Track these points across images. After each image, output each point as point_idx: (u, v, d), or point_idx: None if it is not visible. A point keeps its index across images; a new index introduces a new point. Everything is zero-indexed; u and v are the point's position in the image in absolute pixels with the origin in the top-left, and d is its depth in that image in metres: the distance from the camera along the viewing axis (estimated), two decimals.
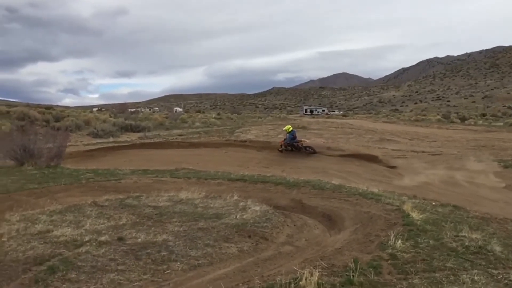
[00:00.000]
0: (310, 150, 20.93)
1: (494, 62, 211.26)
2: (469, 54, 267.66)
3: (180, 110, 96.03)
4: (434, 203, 10.14)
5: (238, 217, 7.35)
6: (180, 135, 35.13)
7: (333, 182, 11.25)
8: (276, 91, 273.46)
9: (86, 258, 5.17)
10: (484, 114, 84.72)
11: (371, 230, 6.45)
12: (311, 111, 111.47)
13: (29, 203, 8.32)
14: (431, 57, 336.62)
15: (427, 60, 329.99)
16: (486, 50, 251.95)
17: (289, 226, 7.45)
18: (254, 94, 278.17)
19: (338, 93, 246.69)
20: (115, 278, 4.70)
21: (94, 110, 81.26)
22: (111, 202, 8.53)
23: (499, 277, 4.58)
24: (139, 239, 5.99)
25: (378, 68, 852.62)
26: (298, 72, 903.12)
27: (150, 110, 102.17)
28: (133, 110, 64.75)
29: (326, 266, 4.82)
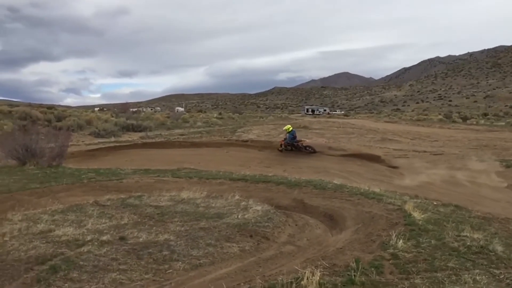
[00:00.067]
0: (310, 149, 20.97)
1: (496, 61, 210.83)
2: (470, 54, 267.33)
3: (181, 109, 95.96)
4: (435, 203, 10.15)
5: (239, 216, 7.35)
6: (181, 135, 35.15)
7: (334, 181, 11.24)
8: (277, 91, 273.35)
9: (88, 257, 5.17)
10: (486, 114, 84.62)
11: (373, 230, 6.44)
12: (313, 111, 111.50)
13: (31, 203, 8.34)
14: (433, 56, 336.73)
15: (429, 59, 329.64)
16: (488, 49, 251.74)
17: (290, 225, 7.45)
18: (255, 94, 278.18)
19: (339, 92, 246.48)
20: (117, 278, 4.71)
21: (96, 109, 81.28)
22: (113, 201, 8.53)
23: (501, 277, 4.57)
24: (141, 239, 5.99)
25: (379, 67, 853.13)
26: (299, 71, 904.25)
27: (151, 109, 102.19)
28: (134, 109, 64.78)
29: (327, 265, 4.82)
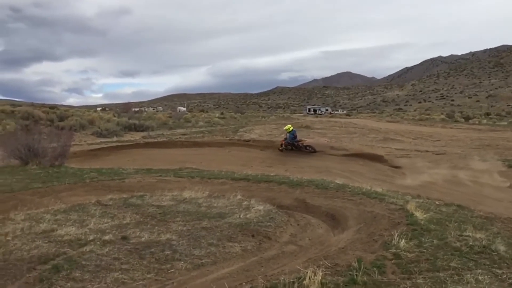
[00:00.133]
0: (310, 149, 21.05)
1: (498, 61, 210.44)
2: (473, 53, 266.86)
3: (183, 109, 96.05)
4: (438, 203, 10.13)
5: (241, 216, 7.35)
6: (183, 135, 35.20)
7: (336, 181, 11.24)
8: (279, 91, 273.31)
9: (90, 257, 5.18)
10: (488, 113, 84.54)
11: (375, 229, 6.44)
12: (315, 111, 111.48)
13: (33, 202, 8.36)
14: (435, 56, 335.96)
15: (431, 59, 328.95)
16: (490, 49, 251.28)
17: (292, 225, 7.45)
18: (257, 94, 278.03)
19: (341, 92, 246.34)
20: (119, 277, 4.72)
21: (98, 109, 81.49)
22: (115, 201, 8.54)
23: (503, 276, 4.57)
24: (143, 238, 6.00)
25: (381, 67, 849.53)
26: (301, 71, 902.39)
27: (153, 109, 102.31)
28: (136, 109, 64.90)
29: (329, 265, 4.82)
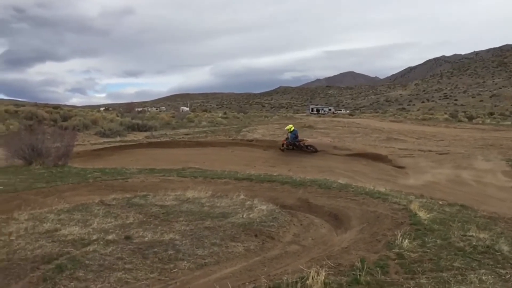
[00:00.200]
0: (312, 148, 21.14)
1: (502, 60, 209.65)
2: (476, 53, 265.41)
3: (186, 109, 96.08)
4: (441, 203, 10.11)
5: (244, 216, 7.35)
6: (186, 135, 35.22)
7: (339, 181, 11.23)
8: (282, 90, 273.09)
9: (94, 256, 5.19)
10: (492, 113, 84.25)
11: (378, 229, 6.43)
12: (318, 110, 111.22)
13: (37, 202, 8.39)
14: (439, 55, 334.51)
15: (434, 58, 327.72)
16: (494, 48, 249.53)
17: (295, 225, 7.45)
18: (260, 93, 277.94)
19: (344, 92, 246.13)
20: (122, 277, 4.72)
21: (101, 109, 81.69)
22: (118, 201, 8.56)
23: (507, 276, 4.55)
24: (146, 238, 6.01)
25: (385, 67, 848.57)
26: (304, 71, 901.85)
27: (156, 109, 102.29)
28: (140, 109, 64.88)
29: (332, 265, 4.82)
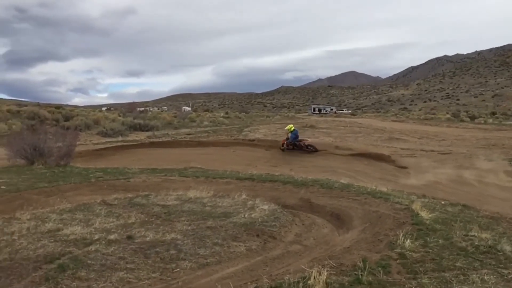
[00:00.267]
0: (312, 148, 21.18)
1: (504, 60, 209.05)
2: (479, 52, 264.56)
3: (188, 109, 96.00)
4: (443, 202, 10.10)
5: (246, 216, 7.35)
6: (188, 134, 35.24)
7: (341, 181, 11.22)
8: (284, 90, 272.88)
9: (96, 256, 5.20)
10: (494, 113, 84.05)
11: (380, 229, 6.42)
12: (320, 110, 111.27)
13: (39, 202, 8.40)
14: (441, 55, 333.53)
15: (436, 58, 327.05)
16: (496, 48, 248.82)
17: (297, 225, 7.45)
18: (262, 93, 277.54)
19: (346, 91, 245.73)
20: (124, 277, 4.73)
21: (103, 109, 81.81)
22: (120, 201, 8.57)
23: (509, 277, 4.53)
24: (148, 238, 6.02)
25: (387, 66, 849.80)
26: (306, 71, 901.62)
27: (158, 109, 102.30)
28: (141, 109, 64.92)
29: (334, 265, 4.81)
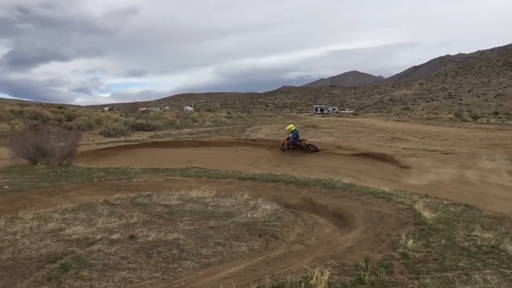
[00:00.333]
0: (312, 148, 21.19)
1: (507, 60, 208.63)
2: (481, 52, 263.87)
3: (190, 109, 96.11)
4: (446, 202, 10.09)
5: (248, 216, 7.36)
6: (190, 134, 35.28)
7: (343, 181, 11.21)
8: (286, 90, 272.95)
9: (98, 256, 5.21)
10: (496, 113, 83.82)
11: (382, 229, 6.42)
12: (322, 110, 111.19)
13: (42, 202, 8.42)
14: (443, 55, 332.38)
15: (439, 58, 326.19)
16: (499, 47, 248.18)
17: (299, 225, 7.45)
18: (264, 93, 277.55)
19: (348, 91, 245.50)
20: (127, 276, 4.74)
21: (106, 109, 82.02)
22: (123, 200, 8.59)
23: None
24: (150, 238, 6.02)
25: (389, 66, 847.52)
26: (308, 70, 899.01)
27: (161, 109, 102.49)
28: (144, 109, 65.00)
29: (336, 265, 4.81)
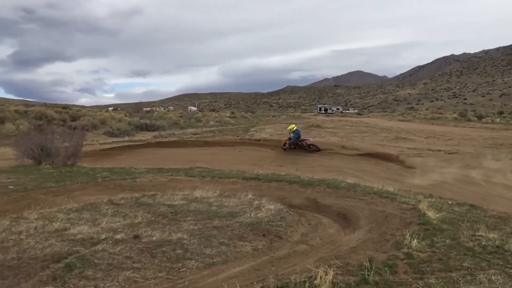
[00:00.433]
0: (314, 147, 21.20)
1: None
2: (486, 51, 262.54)
3: (194, 109, 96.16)
4: (450, 202, 10.05)
5: (252, 215, 7.36)
6: (194, 134, 35.30)
7: (348, 181, 11.20)
8: (290, 90, 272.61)
9: (103, 255, 5.22)
10: (501, 112, 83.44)
11: (387, 229, 6.40)
12: (326, 110, 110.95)
13: (46, 201, 8.45)
14: (448, 54, 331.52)
15: (443, 57, 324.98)
16: (504, 47, 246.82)
17: (303, 225, 7.44)
18: (268, 93, 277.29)
19: (352, 91, 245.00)
20: (131, 276, 4.75)
21: (110, 109, 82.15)
22: (127, 200, 8.61)
23: None
24: (155, 237, 6.03)
25: (393, 66, 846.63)
26: (312, 70, 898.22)
27: (165, 109, 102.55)
28: (148, 109, 65.08)
29: (341, 265, 4.80)
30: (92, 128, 35.22)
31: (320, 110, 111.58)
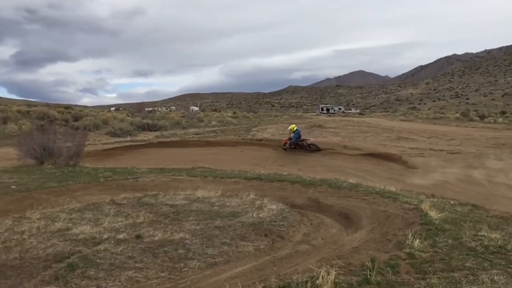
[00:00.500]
0: (314, 147, 21.21)
1: None
2: (488, 51, 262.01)
3: (196, 109, 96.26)
4: (452, 202, 10.04)
5: (254, 215, 7.36)
6: (196, 134, 35.32)
7: (349, 180, 11.20)
8: (292, 90, 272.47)
9: (105, 255, 5.24)
10: (504, 112, 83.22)
11: (389, 229, 6.40)
12: (328, 110, 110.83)
13: (49, 201, 8.46)
14: (450, 54, 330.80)
15: (446, 57, 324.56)
16: (506, 46, 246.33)
17: (305, 224, 7.44)
18: (270, 93, 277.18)
19: (354, 91, 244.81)
20: (133, 276, 4.76)
21: (112, 109, 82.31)
22: (129, 200, 8.62)
23: None
24: (157, 237, 6.04)
25: (395, 65, 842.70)
26: (314, 70, 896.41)
27: (167, 109, 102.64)
28: (150, 109, 65.12)
29: (343, 265, 4.81)
30: (94, 128, 35.28)
31: (322, 110, 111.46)
